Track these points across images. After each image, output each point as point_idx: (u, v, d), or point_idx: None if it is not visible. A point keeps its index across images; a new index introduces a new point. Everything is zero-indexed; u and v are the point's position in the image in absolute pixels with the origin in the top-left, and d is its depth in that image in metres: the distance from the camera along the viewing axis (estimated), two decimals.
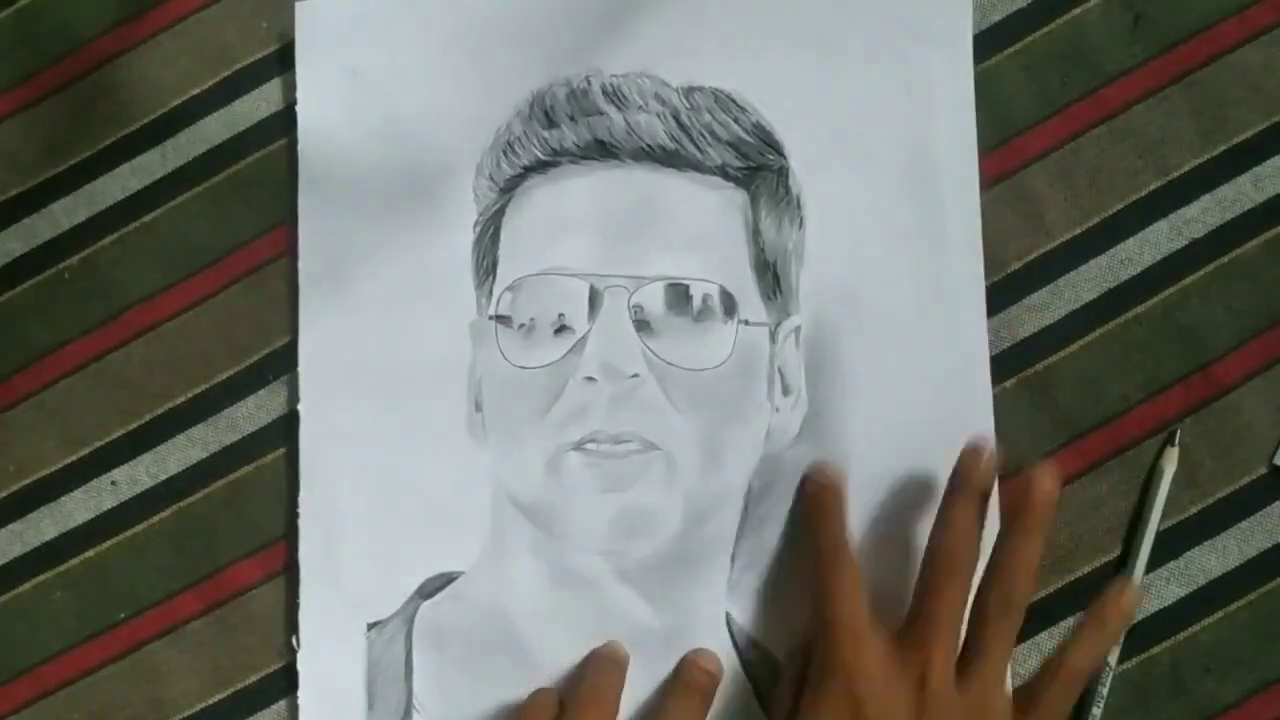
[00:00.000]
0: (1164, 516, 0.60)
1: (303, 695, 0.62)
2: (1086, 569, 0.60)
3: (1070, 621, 0.59)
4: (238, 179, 0.65)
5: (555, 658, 0.61)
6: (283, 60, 0.65)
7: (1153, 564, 0.60)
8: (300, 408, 0.63)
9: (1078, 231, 0.61)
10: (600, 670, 0.60)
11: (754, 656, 0.60)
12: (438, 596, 0.62)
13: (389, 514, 0.62)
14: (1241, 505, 0.60)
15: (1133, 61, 0.62)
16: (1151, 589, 0.59)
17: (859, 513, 0.59)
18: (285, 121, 0.65)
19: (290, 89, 0.65)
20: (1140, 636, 0.59)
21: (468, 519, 0.62)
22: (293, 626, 0.62)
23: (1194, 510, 0.60)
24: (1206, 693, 0.59)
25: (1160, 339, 0.61)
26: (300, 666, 0.62)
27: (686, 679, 0.60)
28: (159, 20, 0.66)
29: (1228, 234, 0.61)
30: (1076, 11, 0.62)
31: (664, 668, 0.60)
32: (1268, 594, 0.59)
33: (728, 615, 0.61)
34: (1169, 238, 0.61)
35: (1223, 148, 0.61)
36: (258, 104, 0.65)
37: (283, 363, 0.64)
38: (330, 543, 0.62)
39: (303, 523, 0.62)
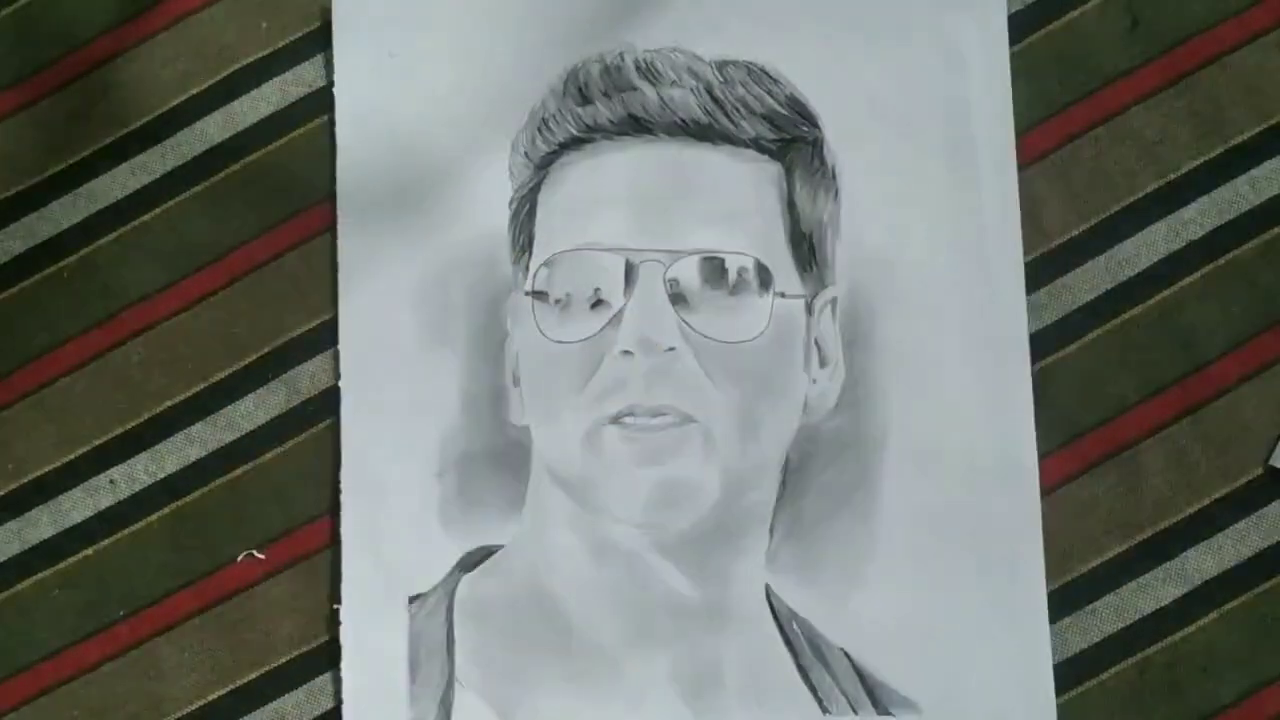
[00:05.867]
0: (1161, 517, 0.60)
1: (346, 667, 0.61)
2: (1083, 569, 0.60)
3: (1068, 621, 0.60)
4: (237, 179, 0.65)
5: (595, 632, 0.61)
6: (282, 60, 0.65)
7: (1149, 564, 0.60)
8: (341, 383, 0.63)
9: (1075, 233, 0.61)
10: None
11: (794, 628, 0.61)
12: (478, 570, 0.62)
13: (429, 488, 0.62)
14: (1238, 506, 0.60)
15: (1130, 63, 0.62)
16: (1148, 589, 0.60)
17: (896, 484, 0.59)
18: (284, 121, 0.65)
19: (287, 89, 0.65)
20: (1137, 637, 0.60)
21: (507, 493, 0.62)
22: (336, 598, 0.62)
23: (1190, 511, 0.60)
24: (1203, 693, 0.59)
25: (1157, 340, 0.61)
26: (343, 639, 0.62)
27: None
28: (158, 20, 0.65)
29: (1225, 236, 0.61)
30: (1074, 14, 0.62)
31: (704, 641, 0.61)
32: (1263, 594, 0.59)
33: (767, 587, 0.61)
34: (1166, 239, 0.61)
35: (1220, 150, 0.61)
36: (257, 104, 0.65)
37: (281, 362, 0.64)
38: (371, 516, 0.62)
39: (345, 496, 0.62)
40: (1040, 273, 0.61)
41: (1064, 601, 0.60)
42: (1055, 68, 0.62)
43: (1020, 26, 0.62)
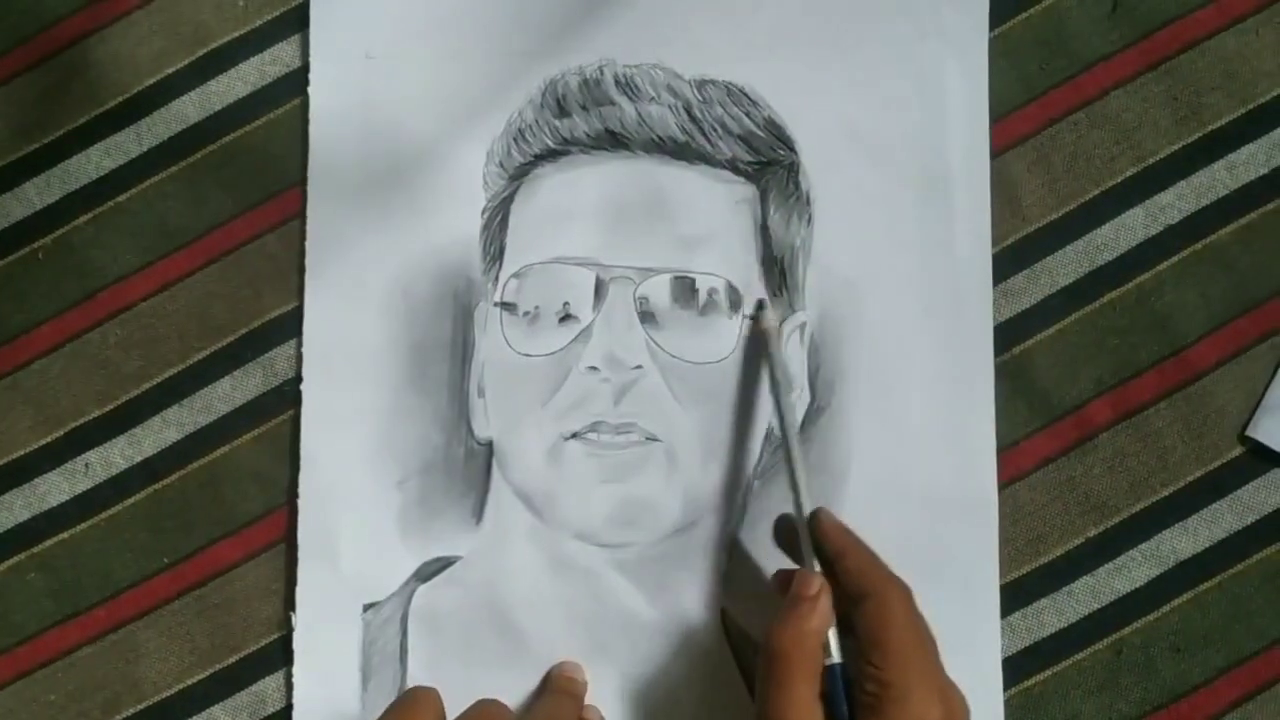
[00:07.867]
0: (1137, 499, 0.61)
1: (298, 672, 0.62)
2: (1059, 550, 0.61)
3: (1044, 602, 0.60)
4: (214, 159, 0.64)
5: (549, 645, 0.61)
6: (259, 40, 0.64)
7: (1124, 545, 0.60)
8: (302, 387, 0.63)
9: (1054, 217, 0.62)
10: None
11: (748, 651, 0.61)
12: (435, 580, 0.62)
13: (388, 496, 0.62)
14: (1212, 488, 0.60)
15: (1110, 48, 0.62)
16: (1123, 570, 0.60)
17: (856, 513, 0.59)
18: (261, 102, 0.64)
19: (265, 68, 0.64)
20: (1111, 617, 0.60)
21: (467, 504, 0.62)
22: (290, 603, 0.62)
23: (1165, 493, 0.61)
24: (1176, 672, 0.60)
25: (1135, 324, 0.61)
26: (296, 644, 0.62)
27: (556, 687, 0.60)
28: None
29: (1202, 220, 0.61)
30: None
31: (658, 659, 0.61)
32: (1236, 575, 0.60)
33: (723, 610, 0.61)
34: (1144, 224, 0.61)
35: (1198, 135, 0.62)
36: (233, 84, 0.64)
37: (259, 344, 0.63)
38: (329, 522, 0.62)
39: (302, 501, 0.62)
40: (1019, 256, 0.62)
41: (1041, 582, 0.60)
42: (1035, 52, 0.62)
43: (1001, 10, 0.62)
